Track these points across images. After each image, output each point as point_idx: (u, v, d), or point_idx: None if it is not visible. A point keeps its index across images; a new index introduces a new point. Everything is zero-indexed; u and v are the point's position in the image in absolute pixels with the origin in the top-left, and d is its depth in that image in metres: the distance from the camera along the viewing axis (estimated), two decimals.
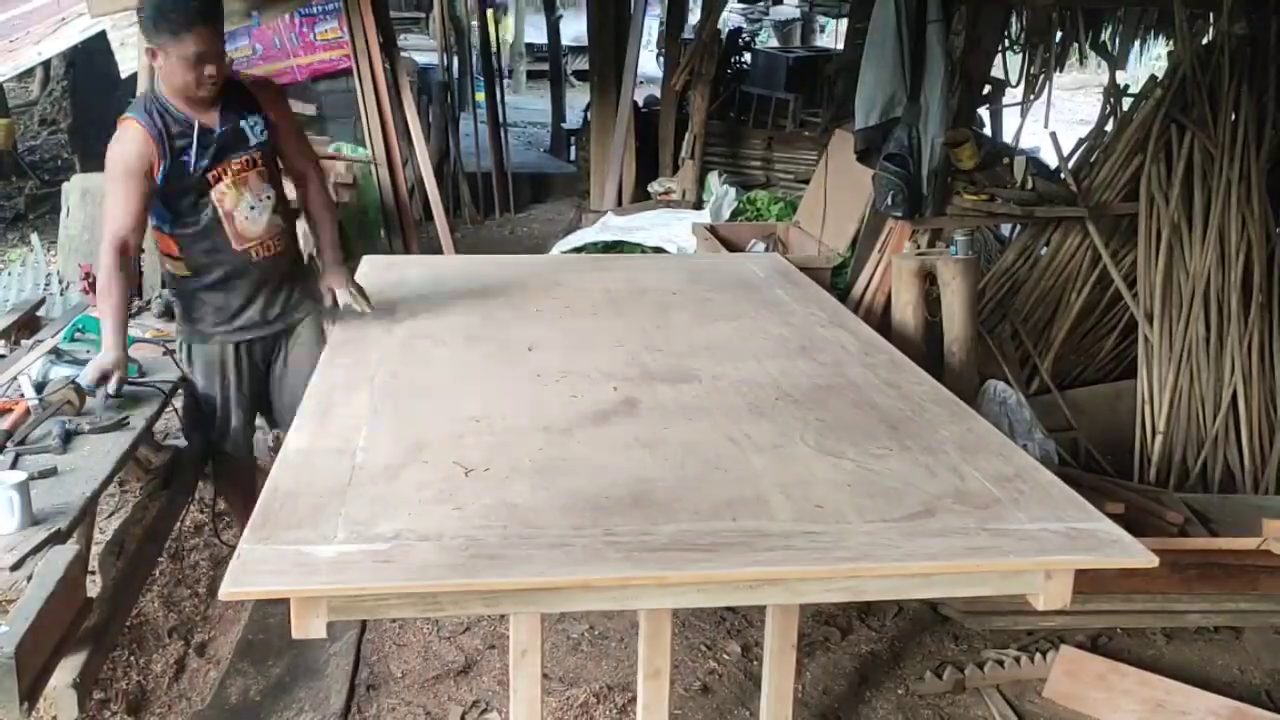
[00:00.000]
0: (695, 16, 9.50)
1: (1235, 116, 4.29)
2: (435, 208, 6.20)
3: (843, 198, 5.54)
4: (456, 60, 8.85)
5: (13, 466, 2.41)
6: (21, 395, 2.75)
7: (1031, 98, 6.26)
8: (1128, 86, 4.82)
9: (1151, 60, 8.77)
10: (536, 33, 14.31)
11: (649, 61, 11.13)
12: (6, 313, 3.76)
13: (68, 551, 2.18)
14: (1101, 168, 4.47)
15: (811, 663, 3.02)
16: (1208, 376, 4.22)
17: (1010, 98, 6.39)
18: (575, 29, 11.82)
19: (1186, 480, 4.20)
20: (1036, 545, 1.85)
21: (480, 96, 9.34)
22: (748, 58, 8.66)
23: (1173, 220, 4.28)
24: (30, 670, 1.98)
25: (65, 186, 5.33)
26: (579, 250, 6.12)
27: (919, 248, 4.25)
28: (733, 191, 6.92)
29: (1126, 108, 4.58)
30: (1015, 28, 6.10)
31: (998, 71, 5.71)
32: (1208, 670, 3.08)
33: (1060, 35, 6.15)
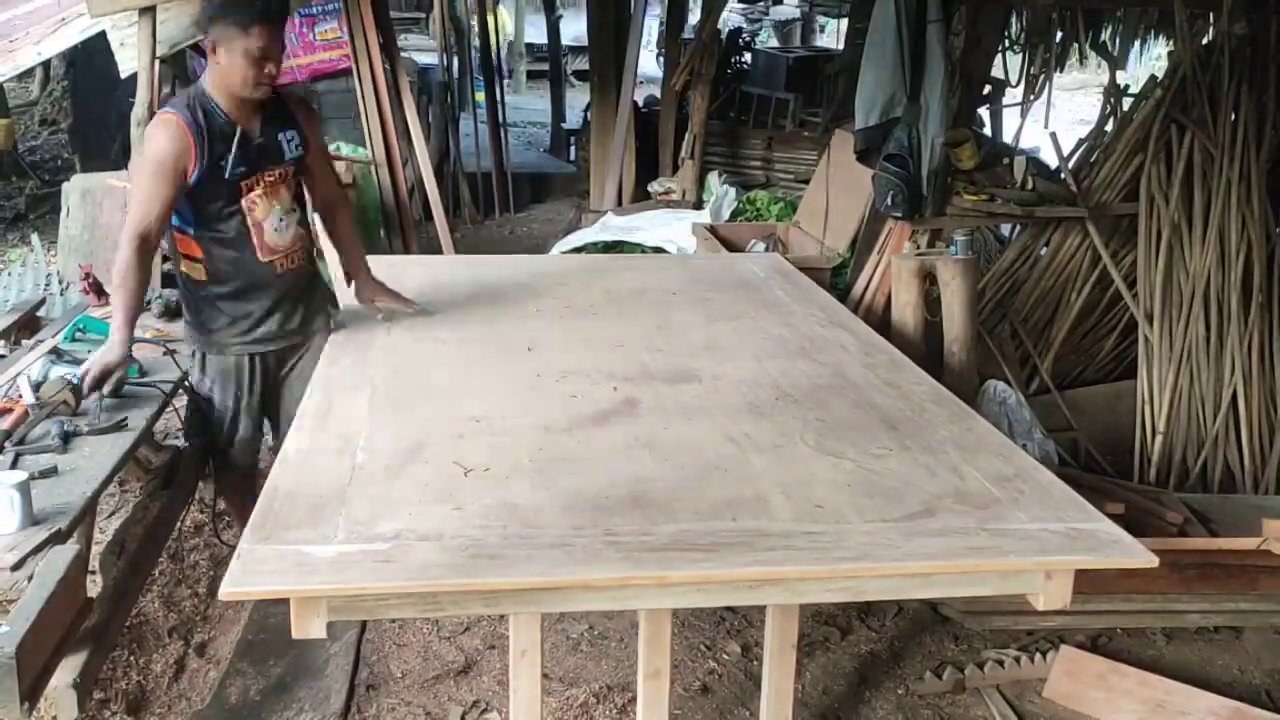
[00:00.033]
0: (695, 16, 9.50)
1: (1235, 116, 4.29)
2: (435, 208, 6.21)
3: (843, 198, 5.54)
4: (456, 60, 8.85)
5: (13, 466, 2.41)
6: (20, 395, 2.75)
7: (1031, 98, 6.26)
8: (1128, 86, 4.82)
9: (1151, 60, 8.77)
10: (536, 33, 14.31)
11: (649, 61, 11.13)
12: (6, 313, 3.76)
13: (68, 551, 2.19)
14: (1101, 168, 4.47)
15: (811, 663, 3.02)
16: (1208, 376, 4.22)
17: (1010, 98, 6.39)
18: (575, 29, 11.82)
19: (1186, 480, 4.20)
20: (1036, 545, 1.85)
21: (480, 96, 9.34)
22: (748, 58, 8.67)
23: (1173, 220, 4.28)
24: (31, 670, 1.98)
25: (65, 186, 5.32)
26: (579, 250, 6.12)
27: (919, 248, 4.25)
28: (733, 191, 6.92)
29: (1126, 108, 4.58)
30: (1015, 28, 6.10)
31: (998, 71, 5.71)
32: (1208, 670, 3.08)
33: (1060, 35, 6.16)
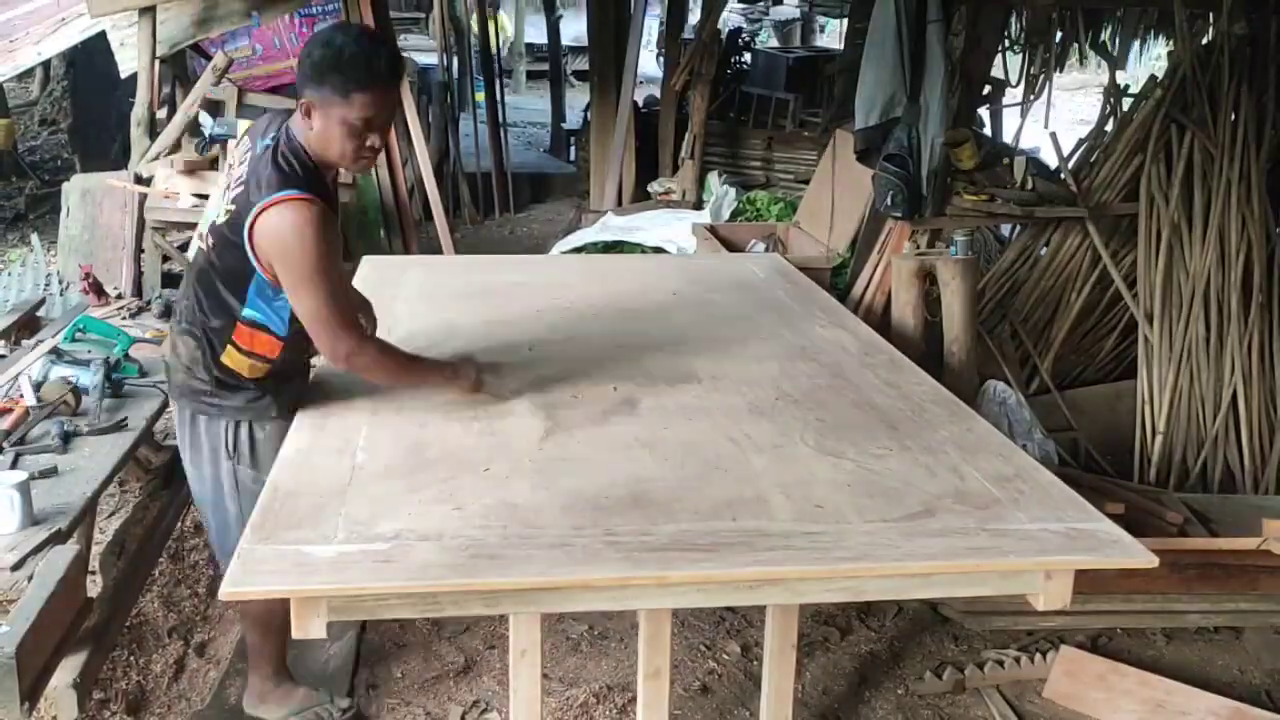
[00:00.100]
0: (695, 16, 9.50)
1: (1235, 116, 4.29)
2: (435, 208, 6.21)
3: (843, 198, 5.53)
4: (456, 60, 8.85)
5: (13, 466, 2.41)
6: (21, 395, 2.75)
7: (1031, 98, 6.26)
8: (1128, 86, 4.82)
9: (1151, 60, 8.76)
10: (536, 33, 14.29)
11: (649, 61, 11.13)
12: (6, 313, 3.76)
13: (68, 551, 2.19)
14: (1101, 168, 4.47)
15: (811, 663, 3.02)
16: (1208, 376, 4.22)
17: (1010, 98, 6.39)
18: (575, 29, 11.82)
19: (1186, 480, 4.20)
20: (1036, 545, 1.85)
21: (480, 96, 9.34)
22: (748, 58, 8.65)
23: (1173, 220, 4.28)
24: (31, 670, 1.98)
25: (65, 186, 5.31)
26: (579, 250, 6.12)
27: (919, 248, 4.25)
28: (733, 191, 6.91)
29: (1126, 108, 4.58)
30: (1015, 28, 6.10)
31: (998, 71, 5.71)
32: (1208, 670, 3.08)
33: (1060, 35, 6.15)
